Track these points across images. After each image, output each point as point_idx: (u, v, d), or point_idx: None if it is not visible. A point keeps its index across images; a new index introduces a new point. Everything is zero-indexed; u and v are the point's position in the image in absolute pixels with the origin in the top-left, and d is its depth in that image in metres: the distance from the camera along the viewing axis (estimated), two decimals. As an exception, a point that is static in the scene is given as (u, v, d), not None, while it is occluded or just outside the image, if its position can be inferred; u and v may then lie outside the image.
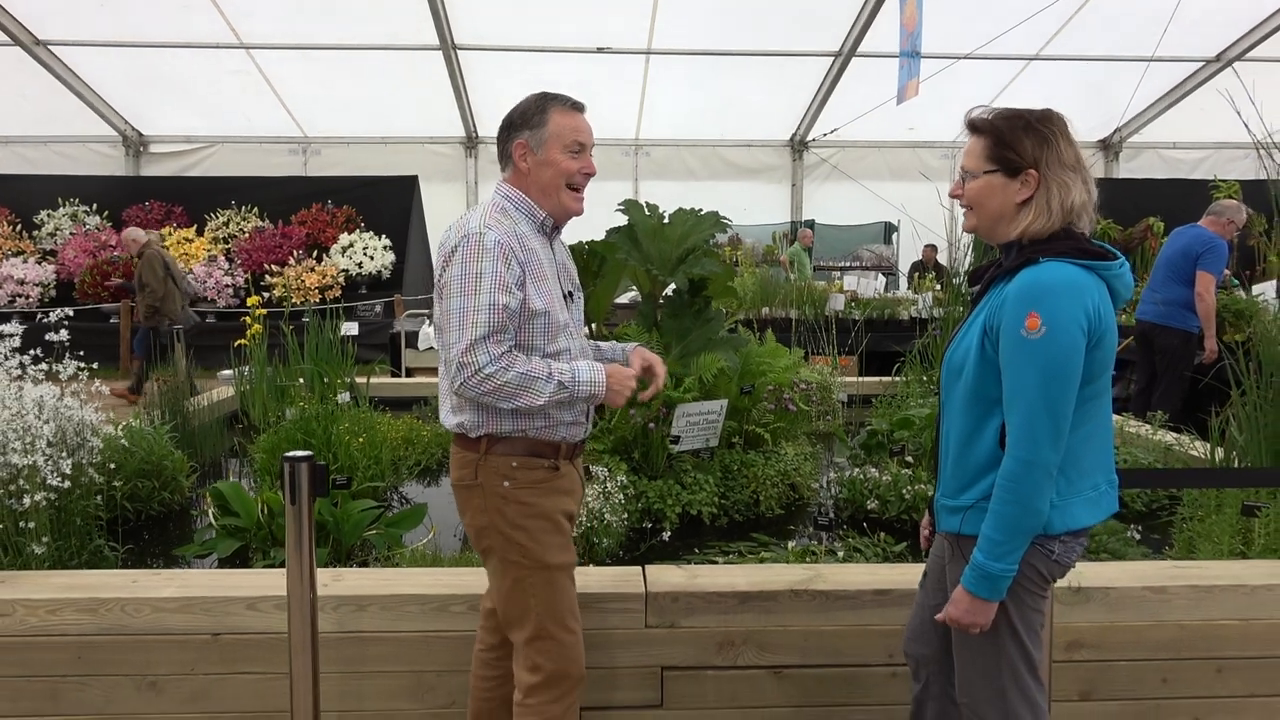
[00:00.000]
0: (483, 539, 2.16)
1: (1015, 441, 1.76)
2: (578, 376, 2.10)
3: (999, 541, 1.78)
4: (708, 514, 3.77)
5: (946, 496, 1.95)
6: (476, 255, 2.03)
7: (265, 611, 2.51)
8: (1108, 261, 1.81)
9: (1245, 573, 2.72)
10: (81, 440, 3.12)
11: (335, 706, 2.52)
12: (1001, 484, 1.78)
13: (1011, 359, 1.77)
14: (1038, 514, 1.77)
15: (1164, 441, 4.46)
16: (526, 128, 2.16)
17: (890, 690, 2.58)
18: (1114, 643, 2.62)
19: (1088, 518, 1.85)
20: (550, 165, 2.15)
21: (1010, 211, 1.87)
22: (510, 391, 2.03)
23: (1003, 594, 1.81)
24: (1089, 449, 1.84)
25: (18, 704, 2.50)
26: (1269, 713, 2.67)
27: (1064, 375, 1.73)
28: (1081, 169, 1.84)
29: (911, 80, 9.57)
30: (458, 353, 2.02)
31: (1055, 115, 1.88)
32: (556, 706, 2.14)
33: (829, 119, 13.59)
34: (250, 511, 3.42)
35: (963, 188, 1.93)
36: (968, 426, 1.88)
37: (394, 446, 4.68)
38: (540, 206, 2.19)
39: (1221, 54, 12.12)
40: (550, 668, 2.13)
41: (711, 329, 4.27)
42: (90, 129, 13.38)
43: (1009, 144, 1.85)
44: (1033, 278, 1.78)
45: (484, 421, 2.12)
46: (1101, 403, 1.85)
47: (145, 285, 8.21)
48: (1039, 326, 1.73)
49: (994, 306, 1.84)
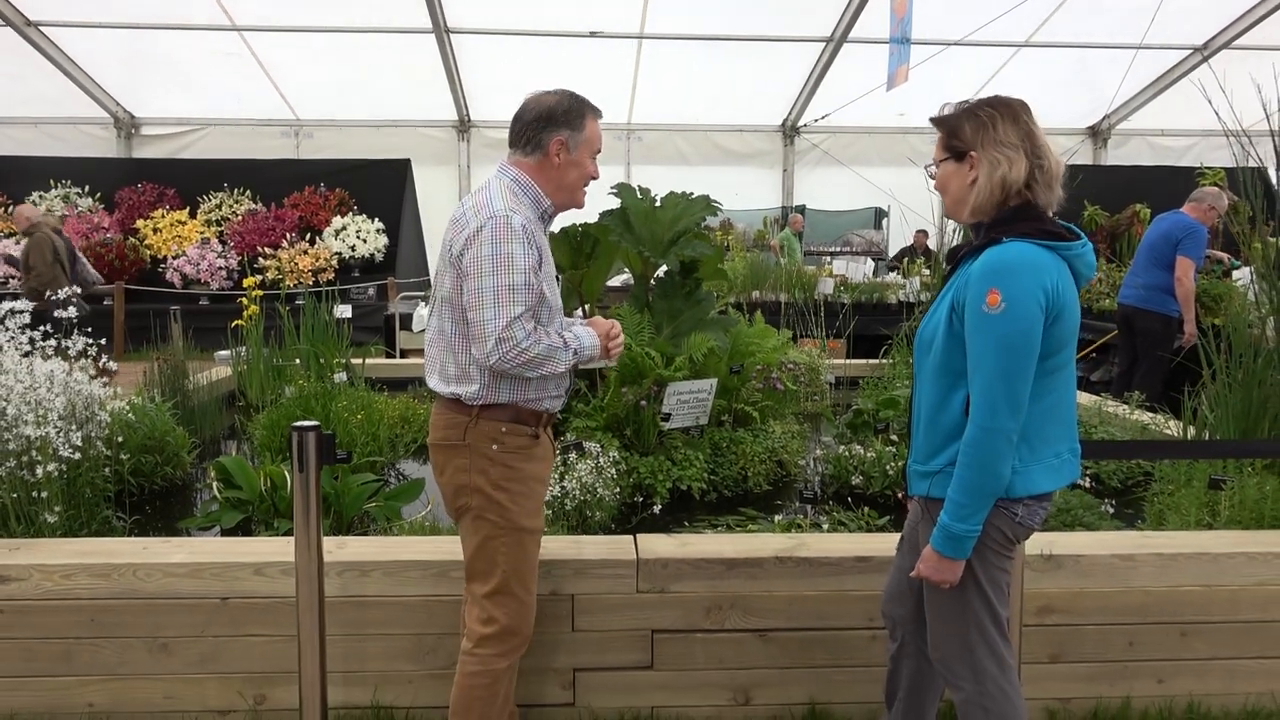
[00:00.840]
0: (460, 497, 2.27)
1: (976, 410, 1.89)
2: (582, 343, 2.26)
3: (962, 504, 1.91)
4: (697, 489, 3.88)
5: (917, 462, 2.08)
6: (507, 236, 2.13)
7: (272, 577, 2.61)
8: (1069, 242, 1.93)
9: (1209, 542, 2.85)
10: (90, 414, 3.21)
11: (340, 667, 2.63)
12: (964, 450, 1.90)
13: (973, 333, 1.90)
14: (998, 478, 1.89)
15: (1140, 421, 4.60)
16: (568, 127, 2.27)
17: (870, 652, 2.71)
18: (1083, 608, 2.74)
19: (1048, 483, 1.97)
20: (578, 167, 2.30)
21: (965, 193, 2.01)
22: (539, 361, 2.16)
23: (968, 553, 1.93)
24: (1052, 419, 1.97)
25: (34, 664, 2.60)
26: (1230, 674, 2.81)
27: (1022, 348, 1.85)
28: (1028, 145, 1.94)
29: (901, 66, 9.66)
30: (495, 329, 2.11)
31: (1002, 101, 2.00)
32: (501, 661, 2.28)
33: (820, 104, 13.65)
34: (253, 484, 3.51)
35: (935, 179, 2.09)
36: (936, 397, 2.00)
37: (391, 425, 4.77)
38: (547, 196, 2.31)
39: (1208, 42, 12.22)
40: (505, 622, 2.26)
41: (702, 310, 4.37)
42: (82, 110, 13.33)
43: (954, 132, 2.01)
44: (994, 256, 1.90)
45: (485, 392, 2.22)
46: (1064, 375, 1.97)
47: (31, 268, 7.75)
48: (999, 302, 1.85)
49: (960, 284, 1.96)
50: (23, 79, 12.36)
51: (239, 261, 10.58)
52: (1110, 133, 14.64)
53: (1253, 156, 3.63)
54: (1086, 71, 12.79)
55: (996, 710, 2.01)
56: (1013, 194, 1.95)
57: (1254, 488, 3.13)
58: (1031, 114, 1.99)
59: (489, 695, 2.28)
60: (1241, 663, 2.80)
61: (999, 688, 2.01)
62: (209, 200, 11.52)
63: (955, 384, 1.97)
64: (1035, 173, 1.95)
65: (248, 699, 2.66)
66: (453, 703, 2.30)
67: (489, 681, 2.27)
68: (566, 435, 3.87)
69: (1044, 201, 1.97)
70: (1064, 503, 3.55)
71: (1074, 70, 12.70)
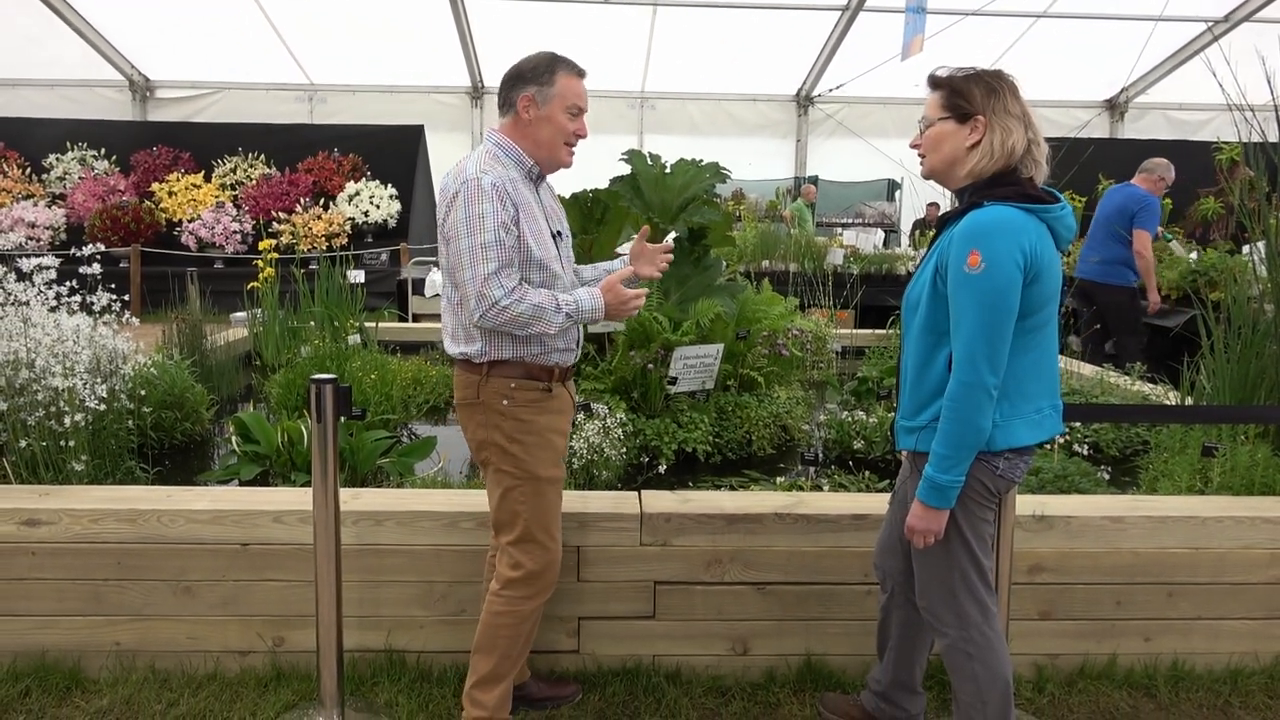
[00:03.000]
0: (482, 451, 2.38)
1: (957, 366, 1.97)
2: (580, 304, 2.30)
3: (945, 455, 1.99)
4: (702, 451, 3.97)
5: (905, 418, 2.16)
6: (477, 198, 2.20)
7: (290, 525, 2.72)
8: (1048, 205, 2.01)
9: (1198, 506, 2.93)
10: (114, 368, 3.32)
11: (354, 612, 2.75)
12: (946, 404, 1.99)
13: (955, 292, 1.97)
14: (979, 431, 1.97)
15: (1141, 391, 4.65)
16: (535, 83, 2.32)
17: (865, 606, 2.81)
18: (1073, 567, 2.83)
19: (1028, 437, 2.05)
20: (551, 122, 2.33)
21: (961, 155, 2.06)
22: (525, 320, 2.22)
23: (952, 502, 2.03)
24: (1033, 375, 2.05)
25: (64, 604, 2.73)
26: (1214, 633, 2.89)
27: (1001, 307, 1.92)
28: (1027, 120, 2.03)
29: (917, 36, 9.60)
30: (474, 288, 2.20)
31: (1006, 74, 2.07)
32: (527, 604, 2.37)
33: (835, 75, 13.58)
34: (270, 439, 3.62)
35: (921, 137, 2.14)
36: (922, 355, 2.09)
37: (403, 386, 4.87)
38: (529, 156, 2.36)
39: (1230, 14, 12.07)
40: (531, 566, 2.35)
41: (710, 276, 4.44)
42: (98, 73, 13.40)
43: (961, 93, 2.05)
44: (976, 219, 1.97)
45: (488, 349, 2.31)
46: (1046, 333, 2.05)
47: None
48: (979, 263, 1.92)
49: (944, 246, 2.04)
50: (40, 41, 12.42)
51: (253, 226, 10.67)
52: (1128, 106, 14.51)
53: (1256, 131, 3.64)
54: (1104, 44, 12.66)
55: (979, 655, 2.10)
56: (1011, 163, 2.01)
57: (1245, 455, 3.20)
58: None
59: (513, 635, 2.37)
60: (1225, 623, 2.89)
61: (982, 633, 2.11)
62: (224, 164, 11.59)
63: (939, 343, 2.05)
64: (1031, 147, 2.03)
65: (267, 640, 2.78)
66: (476, 640, 2.40)
67: (514, 622, 2.37)
68: (576, 396, 3.95)
69: (1035, 173, 2.04)
70: (1061, 469, 3.63)
71: (1092, 42, 12.58)
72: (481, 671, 2.38)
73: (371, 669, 2.78)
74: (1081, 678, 2.87)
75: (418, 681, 2.74)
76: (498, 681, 2.39)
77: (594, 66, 2.39)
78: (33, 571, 2.71)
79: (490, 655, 2.38)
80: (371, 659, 2.80)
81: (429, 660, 2.80)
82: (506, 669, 2.40)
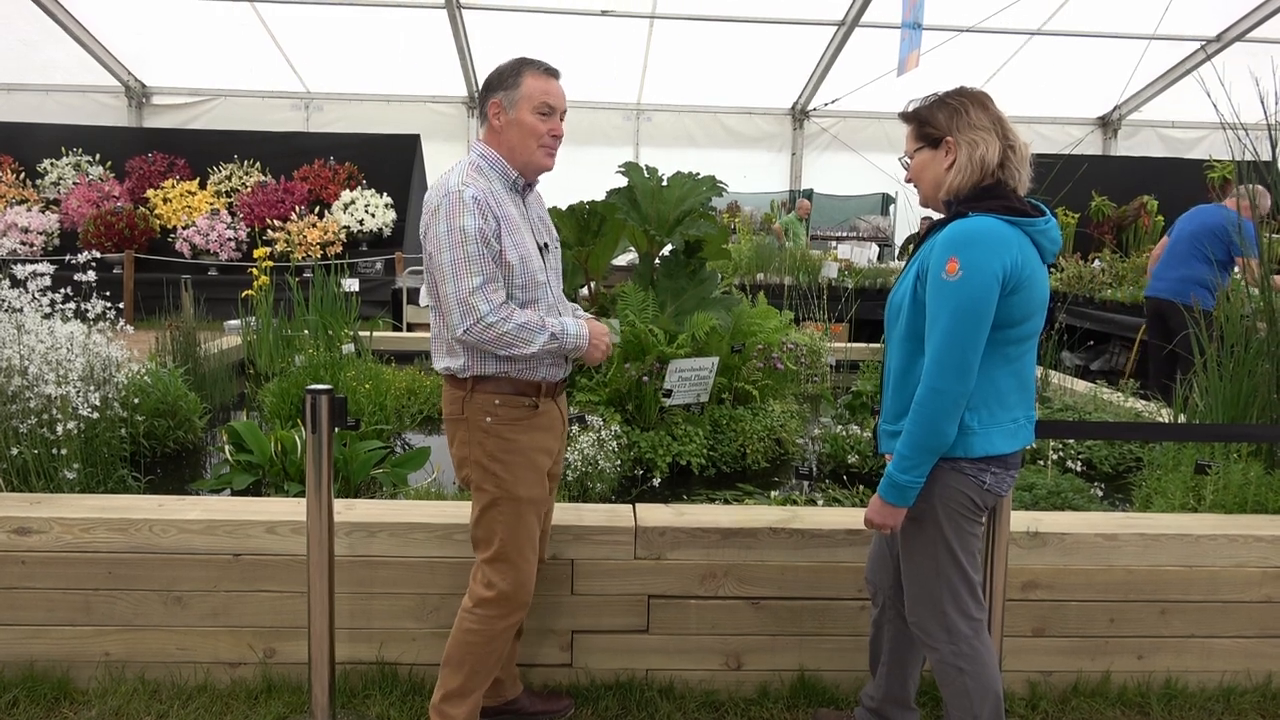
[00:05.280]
0: (463, 468, 2.36)
1: (927, 371, 1.99)
2: (566, 330, 2.29)
3: (906, 456, 2.02)
4: (696, 464, 3.97)
5: (886, 422, 2.19)
6: (458, 211, 2.19)
7: (283, 535, 2.71)
8: (1033, 218, 2.02)
9: (1191, 524, 2.93)
10: (108, 376, 3.30)
11: (346, 624, 2.73)
12: (914, 408, 2.01)
13: (932, 299, 1.99)
14: (942, 436, 1.99)
15: (1134, 408, 4.67)
16: (501, 88, 2.32)
17: (859, 622, 2.80)
18: (1067, 584, 2.83)
19: (1005, 445, 2.07)
20: (519, 125, 2.30)
21: (942, 177, 2.10)
22: (509, 340, 2.20)
23: (909, 501, 2.06)
24: (1014, 386, 2.07)
25: (54, 613, 2.71)
26: (1208, 651, 2.90)
27: (974, 316, 1.94)
28: (999, 128, 2.05)
29: (913, 52, 9.65)
30: (457, 302, 2.18)
31: (969, 90, 2.11)
32: (500, 624, 2.35)
33: (830, 89, 13.65)
34: (264, 449, 3.61)
35: (910, 172, 2.18)
36: (903, 361, 2.11)
37: (397, 396, 4.87)
38: (511, 165, 2.34)
39: (1222, 34, 12.18)
40: (503, 587, 2.33)
41: (705, 289, 4.45)
42: (93, 79, 13.38)
43: (927, 121, 2.10)
44: (958, 228, 2.00)
45: (472, 364, 2.29)
46: (1027, 346, 2.08)
47: None
48: (957, 271, 1.94)
49: (926, 254, 2.06)
50: (36, 46, 12.41)
51: (248, 233, 10.65)
52: (1120, 123, 14.61)
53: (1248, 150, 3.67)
54: (1098, 61, 12.76)
55: (970, 669, 2.11)
56: (988, 174, 2.04)
57: (1239, 473, 3.21)
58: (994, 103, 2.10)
59: (484, 652, 2.36)
60: (1218, 641, 2.89)
61: (971, 647, 2.11)
62: (219, 171, 11.58)
63: (919, 349, 2.07)
64: (1009, 153, 2.06)
65: (258, 652, 2.76)
66: (446, 653, 2.38)
67: (484, 640, 2.35)
68: (570, 409, 3.95)
69: (1015, 181, 2.07)
70: (1054, 485, 3.64)
71: (1085, 60, 12.68)
72: (450, 686, 2.36)
73: (363, 681, 2.76)
74: (1075, 695, 2.87)
75: (410, 694, 2.72)
76: (466, 696, 2.36)
77: (591, 78, 2.42)
78: (22, 581, 2.69)
79: (460, 670, 2.36)
80: (364, 671, 2.78)
81: (421, 673, 2.79)
82: (476, 684, 2.38)
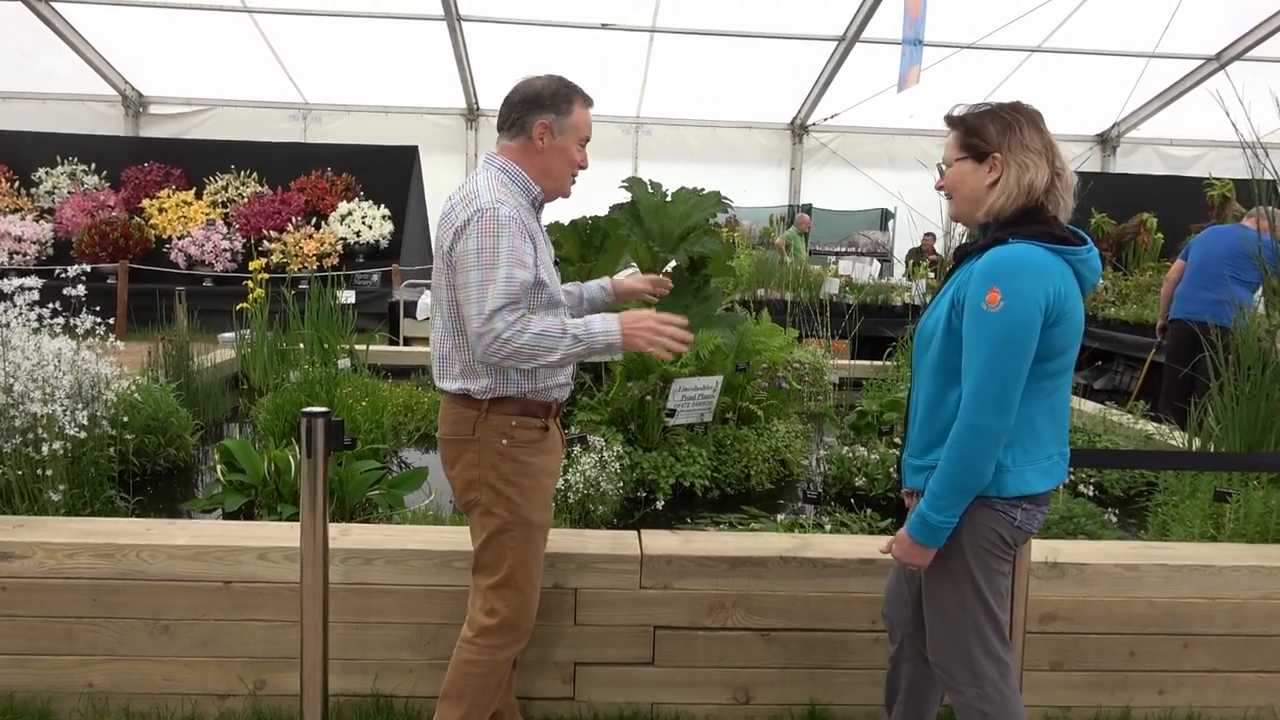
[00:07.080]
0: (470, 491, 2.25)
1: (965, 407, 1.89)
2: (591, 328, 2.17)
3: (940, 495, 1.92)
4: (700, 486, 3.88)
5: (913, 456, 2.08)
6: (493, 230, 2.10)
7: (275, 562, 2.61)
8: (1075, 246, 1.93)
9: (1214, 554, 2.85)
10: (96, 393, 3.20)
11: (340, 654, 2.63)
12: (949, 444, 1.91)
13: (970, 330, 1.89)
14: (979, 475, 1.89)
15: (1145, 431, 4.59)
16: (553, 111, 2.23)
17: (873, 654, 2.71)
18: (1086, 616, 2.74)
19: (1040, 484, 1.97)
20: (564, 154, 2.26)
21: (981, 193, 1.99)
22: (530, 353, 2.10)
23: (941, 542, 1.96)
24: (1049, 421, 1.97)
25: (35, 643, 2.60)
26: (1232, 687, 2.80)
27: (1016, 349, 1.84)
28: (1050, 154, 1.96)
29: (913, 68, 9.62)
30: (478, 324, 2.09)
31: (1025, 106, 2.01)
32: (502, 653, 2.26)
33: (830, 104, 13.62)
34: (256, 468, 3.51)
35: (943, 179, 2.07)
36: (934, 393, 2.00)
37: (394, 412, 4.77)
38: (536, 183, 2.27)
39: (1221, 53, 12.19)
40: (507, 615, 2.24)
41: (710, 306, 4.37)
42: (90, 88, 13.31)
43: (976, 132, 1.99)
44: (998, 255, 1.89)
45: (495, 385, 2.20)
46: (1063, 380, 1.98)
47: None
48: (998, 301, 1.84)
49: (962, 281, 1.96)
50: (33, 54, 12.34)
51: (244, 244, 10.56)
52: (1120, 140, 14.61)
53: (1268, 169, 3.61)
54: (1097, 79, 12.75)
55: (995, 714, 2.01)
56: (1034, 200, 1.94)
57: (1259, 501, 3.13)
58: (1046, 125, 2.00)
59: (483, 685, 2.26)
60: (1242, 676, 2.80)
61: (998, 691, 2.01)
62: (215, 181, 11.49)
63: (952, 381, 1.97)
64: (1055, 180, 1.96)
65: (247, 683, 2.66)
66: (445, 686, 2.28)
67: (485, 671, 2.26)
68: (571, 429, 3.86)
69: (1057, 209, 1.97)
70: (1066, 510, 3.55)
71: (1085, 77, 12.66)
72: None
73: (357, 714, 2.66)
74: (1094, 731, 2.78)
75: (405, 728, 2.62)
76: None
77: (590, 91, 2.32)
78: (2, 608, 2.58)
79: (460, 704, 2.26)
80: (357, 704, 2.67)
81: (418, 705, 2.68)
82: (476, 718, 2.28)
